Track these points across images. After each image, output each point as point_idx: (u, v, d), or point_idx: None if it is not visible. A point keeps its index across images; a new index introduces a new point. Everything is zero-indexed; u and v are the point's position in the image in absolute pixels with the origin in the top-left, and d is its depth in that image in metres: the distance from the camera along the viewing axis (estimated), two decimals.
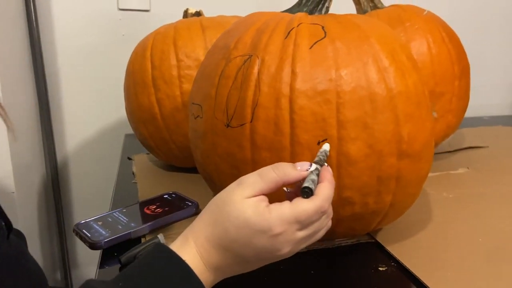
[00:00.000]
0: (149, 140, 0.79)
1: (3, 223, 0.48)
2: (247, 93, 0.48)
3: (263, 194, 0.39)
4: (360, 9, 0.91)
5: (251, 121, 0.47)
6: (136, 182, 0.80)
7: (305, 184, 0.39)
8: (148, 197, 0.68)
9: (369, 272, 0.52)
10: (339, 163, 0.46)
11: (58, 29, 1.11)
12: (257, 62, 0.48)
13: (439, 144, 0.86)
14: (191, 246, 0.38)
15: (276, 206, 0.38)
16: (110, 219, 0.61)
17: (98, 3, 1.12)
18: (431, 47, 0.80)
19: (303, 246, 0.40)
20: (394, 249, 0.55)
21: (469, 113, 1.40)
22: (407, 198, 0.51)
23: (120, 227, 0.58)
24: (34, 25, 1.06)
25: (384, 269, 0.52)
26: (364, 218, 0.50)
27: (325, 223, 0.41)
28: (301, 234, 0.38)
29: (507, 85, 1.53)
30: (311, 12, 0.55)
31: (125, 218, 0.61)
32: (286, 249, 0.38)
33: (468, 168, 0.85)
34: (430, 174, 0.82)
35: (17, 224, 0.90)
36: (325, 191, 0.39)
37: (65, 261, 1.23)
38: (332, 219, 0.50)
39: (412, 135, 0.47)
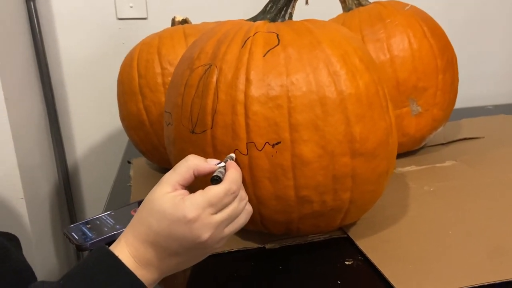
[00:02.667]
0: (140, 145, 0.83)
1: None
2: (207, 101, 0.50)
3: (182, 185, 0.43)
4: (345, 7, 0.92)
5: (211, 128, 0.50)
6: (131, 185, 0.84)
7: (214, 174, 0.43)
8: (138, 200, 0.72)
9: (335, 267, 0.54)
10: (293, 164, 0.48)
11: (62, 41, 1.16)
12: (216, 71, 0.51)
13: (426, 137, 0.87)
14: (123, 247, 0.42)
15: (190, 195, 0.42)
16: (98, 222, 0.65)
17: (98, 14, 1.17)
18: (412, 42, 0.80)
19: (227, 232, 0.43)
20: (363, 244, 0.57)
21: (474, 102, 1.40)
22: (366, 195, 0.53)
23: (106, 229, 0.62)
24: (39, 38, 1.12)
25: (350, 263, 0.55)
26: (325, 215, 0.52)
27: (242, 207, 0.44)
28: (217, 217, 0.41)
29: None
30: (273, 19, 0.57)
31: (112, 221, 0.65)
32: (206, 235, 0.41)
33: (456, 160, 0.85)
34: (416, 168, 0.84)
35: (27, 230, 0.96)
36: (232, 174, 0.43)
37: None
38: (294, 216, 0.52)
39: (364, 134, 0.49)
